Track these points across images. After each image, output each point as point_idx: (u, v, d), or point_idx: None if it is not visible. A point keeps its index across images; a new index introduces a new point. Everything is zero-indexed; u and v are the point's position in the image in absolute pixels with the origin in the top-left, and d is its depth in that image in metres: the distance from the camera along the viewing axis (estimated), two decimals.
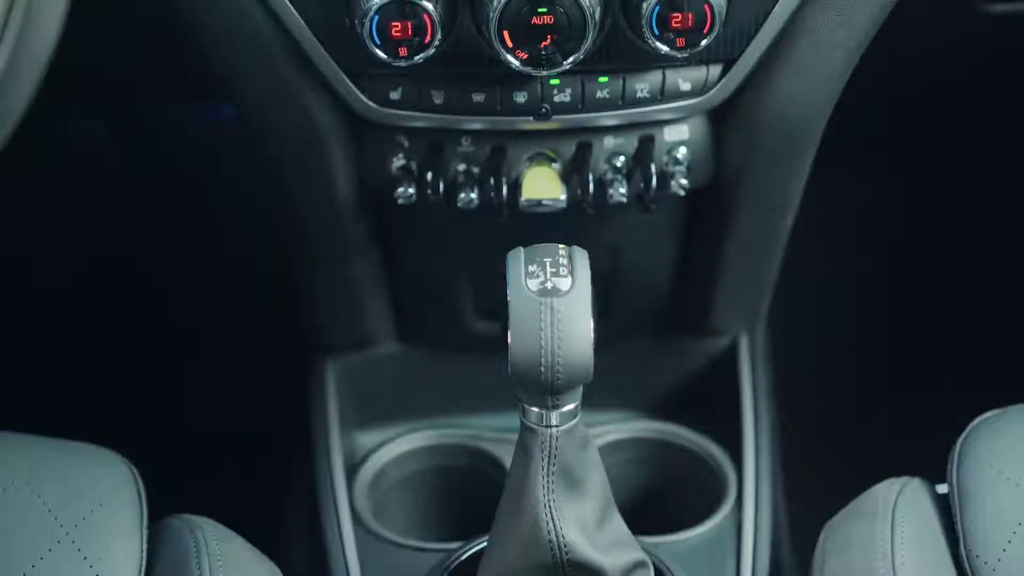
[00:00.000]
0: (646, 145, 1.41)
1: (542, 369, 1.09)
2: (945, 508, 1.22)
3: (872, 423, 2.09)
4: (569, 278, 1.11)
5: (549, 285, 1.10)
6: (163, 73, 1.86)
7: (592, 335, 1.09)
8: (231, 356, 2.13)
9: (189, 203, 2.22)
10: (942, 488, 1.25)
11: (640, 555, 1.26)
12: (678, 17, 1.22)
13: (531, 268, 1.12)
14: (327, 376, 1.69)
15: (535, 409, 1.14)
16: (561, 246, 1.14)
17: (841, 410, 2.11)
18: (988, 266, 2.21)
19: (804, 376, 2.01)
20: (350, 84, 1.34)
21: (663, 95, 1.35)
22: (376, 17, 1.21)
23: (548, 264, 1.12)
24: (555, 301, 1.09)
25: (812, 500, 1.42)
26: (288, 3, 1.27)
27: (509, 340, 1.10)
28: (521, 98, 1.33)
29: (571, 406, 1.14)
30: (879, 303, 2.25)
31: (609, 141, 1.41)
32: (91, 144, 2.23)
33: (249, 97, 1.40)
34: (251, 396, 2.07)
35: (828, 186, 1.64)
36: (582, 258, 1.13)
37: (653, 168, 1.40)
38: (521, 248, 1.14)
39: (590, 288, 1.11)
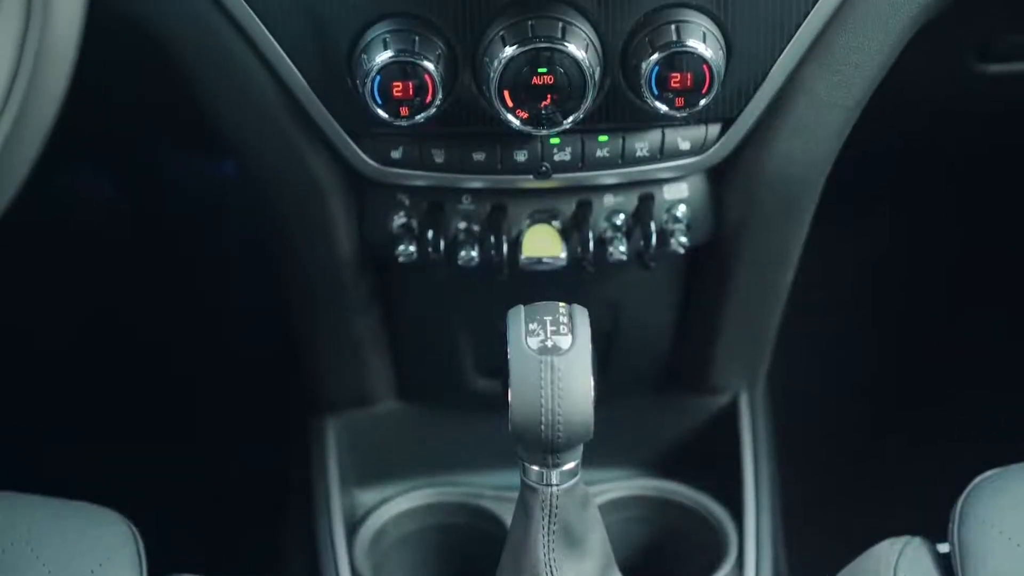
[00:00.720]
0: (646, 203, 1.42)
1: (542, 428, 1.09)
2: (947, 568, 1.22)
3: (874, 479, 2.08)
4: (569, 336, 1.11)
5: (549, 343, 1.10)
6: (166, 125, 1.87)
7: (592, 394, 1.09)
8: (232, 413, 2.12)
9: (190, 259, 2.22)
10: (943, 547, 1.24)
11: None
12: (677, 77, 1.23)
13: (531, 326, 1.12)
14: (327, 434, 1.69)
15: (535, 468, 1.13)
16: (561, 304, 1.15)
17: (842, 466, 2.10)
18: (991, 321, 2.21)
19: (805, 432, 2.01)
20: (351, 143, 1.35)
21: (662, 154, 1.36)
22: (378, 77, 1.22)
23: (548, 322, 1.12)
24: (555, 359, 1.09)
25: (813, 558, 1.42)
26: (290, 63, 1.28)
27: (509, 398, 1.10)
28: (521, 157, 1.34)
29: (571, 465, 1.14)
30: (880, 359, 2.25)
31: (609, 199, 1.42)
32: (93, 197, 2.24)
33: (251, 154, 1.41)
34: (252, 453, 2.07)
35: (827, 241, 1.65)
36: (582, 316, 1.13)
37: (653, 226, 1.41)
38: (521, 306, 1.14)
39: (590, 346, 1.11)
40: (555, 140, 1.34)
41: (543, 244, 1.41)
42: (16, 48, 0.81)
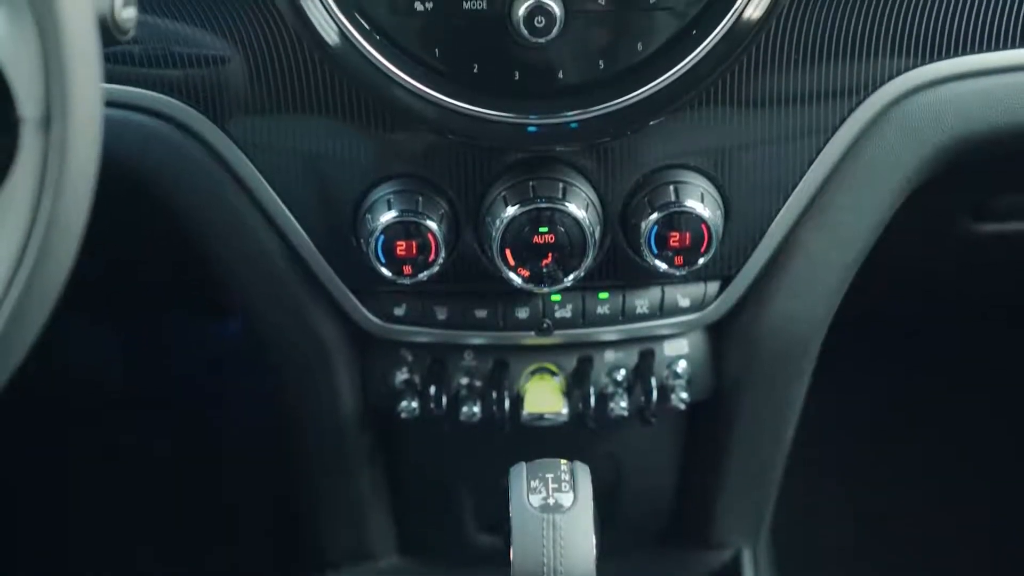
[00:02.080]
0: (646, 359, 1.43)
1: None
2: None
3: None
4: (571, 494, 1.11)
5: (551, 501, 1.11)
6: (169, 286, 1.88)
7: (595, 552, 1.09)
8: (232, 572, 2.11)
9: (190, 416, 2.22)
10: None
11: None
12: (676, 236, 1.25)
13: (533, 484, 1.12)
14: None
15: None
16: (563, 461, 1.15)
17: None
18: (991, 470, 2.21)
19: None
20: (355, 301, 1.37)
21: (662, 311, 1.38)
22: (382, 236, 1.24)
23: (550, 480, 1.12)
24: (557, 518, 1.09)
25: None
26: (296, 223, 1.31)
27: (511, 557, 1.09)
28: (523, 314, 1.36)
29: None
30: (882, 509, 2.24)
31: (610, 355, 1.43)
32: (95, 357, 2.24)
33: (255, 311, 1.43)
34: None
35: (827, 392, 1.65)
36: (584, 474, 1.14)
37: (653, 382, 1.42)
38: (523, 463, 1.15)
39: (592, 504, 1.11)
40: (556, 297, 1.35)
41: (544, 400, 1.42)
42: (28, 218, 0.82)
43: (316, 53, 1.22)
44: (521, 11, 1.14)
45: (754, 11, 1.16)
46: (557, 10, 1.14)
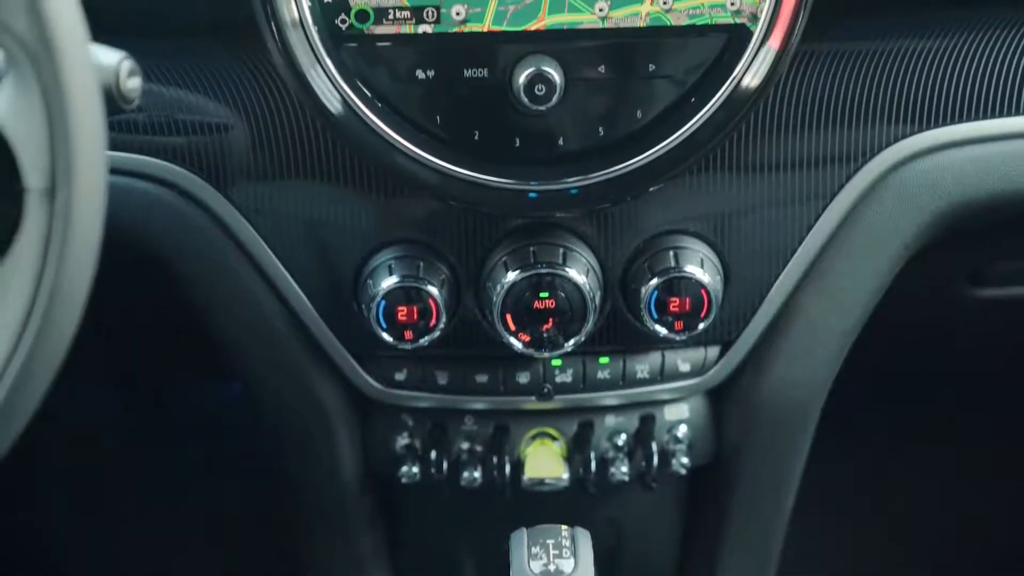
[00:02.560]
0: (647, 424, 1.43)
1: None
2: None
3: None
4: (572, 560, 1.12)
5: (552, 568, 1.11)
6: (170, 348, 1.88)
7: None
8: None
9: (188, 479, 2.22)
10: None
11: None
12: (676, 301, 1.25)
13: (534, 550, 1.12)
14: None
15: None
16: (564, 527, 1.15)
17: None
18: (992, 543, 2.20)
19: None
20: (356, 366, 1.37)
21: (663, 375, 1.38)
22: (383, 302, 1.25)
23: (551, 546, 1.13)
24: None
25: None
26: (297, 288, 1.31)
27: None
28: (524, 379, 1.36)
29: None
30: (887, 568, 2.23)
31: (610, 420, 1.43)
32: (93, 419, 2.24)
33: (255, 375, 1.43)
34: None
35: (827, 455, 1.65)
36: (584, 539, 1.14)
37: (654, 447, 1.42)
38: (524, 529, 1.15)
39: (593, 570, 1.11)
40: (557, 362, 1.36)
41: (545, 465, 1.42)
42: (32, 287, 0.83)
43: (319, 121, 1.23)
44: (522, 79, 1.15)
45: (752, 79, 1.17)
46: (557, 78, 1.16)
